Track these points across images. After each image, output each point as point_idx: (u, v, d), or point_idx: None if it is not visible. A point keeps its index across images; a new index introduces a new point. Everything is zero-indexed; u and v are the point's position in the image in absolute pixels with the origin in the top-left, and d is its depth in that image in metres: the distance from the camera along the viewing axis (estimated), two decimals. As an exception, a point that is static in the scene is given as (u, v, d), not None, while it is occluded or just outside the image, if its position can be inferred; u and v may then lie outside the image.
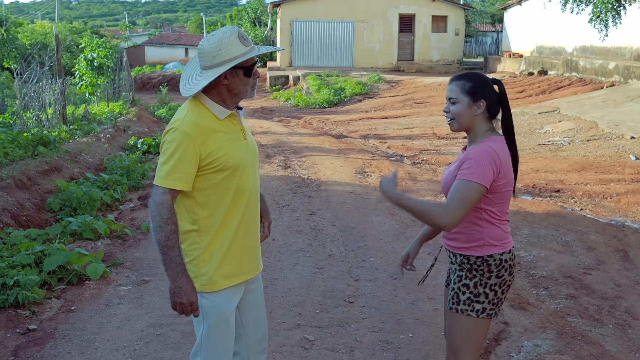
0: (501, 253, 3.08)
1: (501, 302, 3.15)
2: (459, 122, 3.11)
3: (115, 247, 7.15)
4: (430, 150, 13.45)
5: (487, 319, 3.13)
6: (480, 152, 2.99)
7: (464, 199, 2.92)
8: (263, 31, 45.42)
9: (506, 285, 3.12)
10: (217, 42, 2.90)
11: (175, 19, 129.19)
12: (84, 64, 19.45)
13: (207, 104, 2.98)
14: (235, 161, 2.96)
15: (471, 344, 3.17)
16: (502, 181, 3.01)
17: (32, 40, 40.74)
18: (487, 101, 3.08)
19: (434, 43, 33.55)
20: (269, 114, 22.38)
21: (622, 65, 19.85)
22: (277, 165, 11.99)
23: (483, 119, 3.11)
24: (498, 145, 3.03)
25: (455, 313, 3.15)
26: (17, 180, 8.53)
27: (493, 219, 3.07)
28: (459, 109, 3.09)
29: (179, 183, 2.87)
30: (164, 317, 5.24)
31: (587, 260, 6.58)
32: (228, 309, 3.05)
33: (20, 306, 5.30)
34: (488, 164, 2.95)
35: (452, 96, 3.10)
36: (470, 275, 3.10)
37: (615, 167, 10.60)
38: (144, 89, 35.55)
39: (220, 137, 2.95)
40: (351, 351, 4.66)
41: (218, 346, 3.04)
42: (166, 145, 2.90)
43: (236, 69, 2.94)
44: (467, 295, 3.11)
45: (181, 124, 2.89)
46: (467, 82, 3.09)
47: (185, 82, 3.01)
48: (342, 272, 6.34)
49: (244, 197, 3.03)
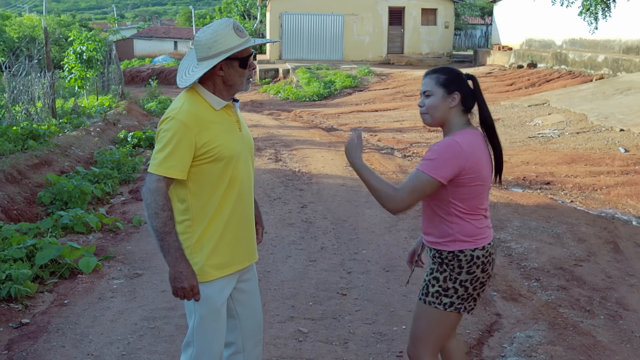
0: (473, 249, 3.05)
1: (472, 297, 3.12)
2: (432, 116, 3.09)
3: (107, 241, 7.14)
4: (421, 143, 13.47)
5: (455, 313, 3.13)
6: (443, 145, 2.98)
7: (415, 189, 2.93)
8: (252, 24, 45.34)
9: (478, 282, 3.10)
10: (212, 33, 2.93)
11: (164, 12, 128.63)
12: (72, 57, 19.37)
13: (204, 94, 3.00)
14: (229, 152, 2.98)
15: (432, 335, 3.17)
16: (468, 175, 2.97)
17: (20, 34, 40.52)
18: (462, 93, 3.06)
19: (424, 36, 33.58)
20: (259, 107, 22.36)
21: (611, 58, 19.94)
22: (267, 158, 11.99)
23: (457, 111, 3.08)
24: (466, 138, 3.01)
25: (423, 304, 3.16)
26: (7, 174, 8.49)
27: (462, 214, 3.04)
28: (434, 101, 3.07)
29: (174, 171, 2.87)
30: (158, 311, 5.24)
31: (578, 252, 6.62)
32: (219, 299, 3.06)
33: (13, 300, 5.28)
34: (448, 158, 2.94)
35: (427, 89, 3.09)
36: (441, 269, 3.10)
37: (605, 159, 10.65)
38: (133, 82, 35.43)
39: (216, 127, 2.96)
40: (345, 343, 4.67)
41: (210, 336, 3.06)
42: (162, 133, 2.91)
43: (232, 61, 2.95)
44: (436, 288, 3.11)
45: (177, 113, 2.90)
46: (441, 74, 3.08)
47: (182, 74, 3.03)
48: (334, 264, 6.35)
49: (237, 188, 3.04)
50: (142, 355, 4.49)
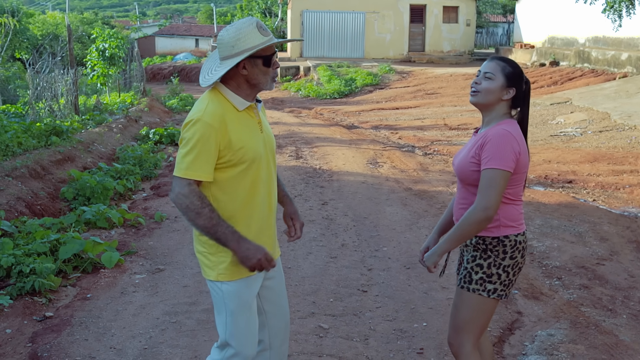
0: (516, 234, 3.12)
1: (512, 284, 3.17)
2: (484, 97, 3.13)
3: (129, 236, 7.20)
4: (442, 141, 13.43)
5: (496, 300, 3.17)
6: (499, 137, 3.02)
7: (492, 187, 2.97)
8: (273, 22, 45.39)
9: (518, 267, 3.15)
10: (235, 32, 2.92)
11: (185, 10, 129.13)
12: (95, 55, 19.48)
13: (227, 95, 2.99)
14: (252, 153, 2.98)
15: (476, 323, 3.19)
16: (520, 163, 3.05)
17: (44, 31, 40.86)
18: (517, 91, 3.13)
19: (445, 34, 33.43)
20: (280, 104, 22.39)
21: (635, 56, 19.73)
22: (288, 155, 12.01)
23: (506, 105, 3.15)
24: (514, 128, 3.08)
25: (467, 292, 3.17)
26: (31, 169, 8.58)
27: (509, 200, 3.10)
28: (492, 86, 3.11)
29: (202, 174, 2.88)
30: (179, 305, 5.28)
31: (600, 251, 6.57)
32: (249, 294, 3.06)
33: (37, 294, 5.35)
34: (509, 149, 2.99)
35: (490, 71, 3.13)
36: (485, 256, 3.13)
37: (628, 158, 10.56)
38: (155, 80, 35.58)
39: (239, 128, 2.96)
40: (365, 339, 4.68)
41: (245, 330, 3.04)
42: (189, 136, 2.90)
43: (255, 59, 2.95)
44: (479, 275, 3.13)
45: (203, 115, 2.90)
46: (508, 66, 3.13)
47: (206, 73, 3.02)
48: (355, 261, 6.36)
49: (259, 189, 3.05)
50: (164, 349, 4.53)
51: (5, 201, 7.29)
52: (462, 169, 3.16)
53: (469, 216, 3.01)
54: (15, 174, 8.15)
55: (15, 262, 5.52)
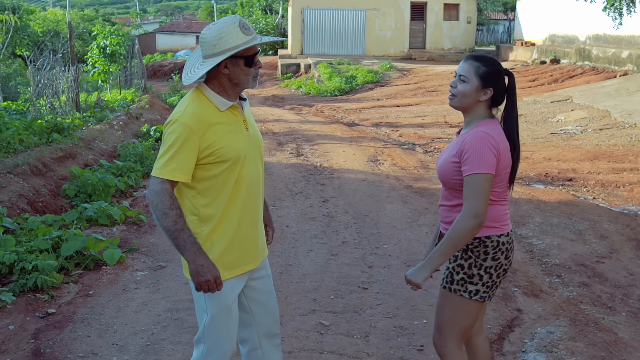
0: (499, 235, 3.08)
1: (496, 285, 3.14)
2: (460, 101, 3.10)
3: (131, 233, 7.22)
4: (442, 139, 13.45)
5: (479, 302, 3.13)
6: (475, 140, 2.99)
7: (477, 193, 2.93)
8: (274, 19, 45.35)
9: (502, 269, 3.11)
10: (218, 31, 2.90)
11: (185, 7, 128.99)
12: (96, 52, 19.50)
13: (209, 95, 2.98)
14: (235, 153, 2.96)
15: (458, 324, 3.17)
16: (500, 163, 3.01)
17: (44, 28, 40.85)
18: (495, 91, 3.08)
19: (446, 31, 33.41)
20: (280, 102, 22.40)
21: (636, 54, 19.73)
22: (289, 152, 12.03)
23: (485, 105, 3.11)
24: (491, 128, 3.04)
25: (448, 292, 3.16)
26: (32, 166, 8.61)
27: (492, 201, 3.05)
28: (466, 89, 3.07)
29: (176, 174, 2.87)
30: (181, 302, 5.31)
31: (600, 249, 6.59)
32: (230, 297, 3.06)
33: (39, 290, 5.38)
34: (487, 150, 2.96)
35: (464, 74, 3.08)
36: (466, 256, 3.09)
37: (628, 156, 10.58)
38: (156, 77, 35.60)
39: (221, 128, 2.95)
40: (366, 336, 4.71)
41: (221, 333, 3.06)
42: (166, 136, 2.91)
43: (237, 59, 2.93)
44: (460, 276, 3.11)
45: (182, 116, 2.90)
46: (482, 65, 3.07)
47: (188, 71, 3.00)
48: (355, 258, 6.38)
49: (244, 188, 3.04)
50: (166, 345, 4.56)
51: (7, 198, 7.32)
52: (443, 172, 3.13)
53: (458, 226, 2.95)
54: (16, 171, 8.18)
55: (18, 259, 5.55)
